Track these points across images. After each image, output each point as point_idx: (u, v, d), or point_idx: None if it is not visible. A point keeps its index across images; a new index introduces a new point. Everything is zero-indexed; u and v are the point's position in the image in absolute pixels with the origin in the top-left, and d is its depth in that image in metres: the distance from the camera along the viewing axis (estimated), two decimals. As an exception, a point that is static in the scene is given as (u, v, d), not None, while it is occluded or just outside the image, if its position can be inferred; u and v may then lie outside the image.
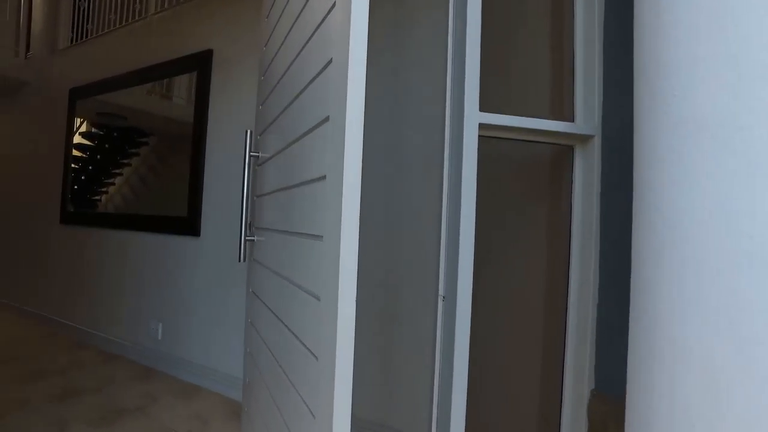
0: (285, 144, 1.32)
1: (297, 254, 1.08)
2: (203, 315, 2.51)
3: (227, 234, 2.42)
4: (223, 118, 2.50)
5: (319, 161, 0.96)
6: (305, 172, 1.06)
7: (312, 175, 1.00)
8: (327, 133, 0.92)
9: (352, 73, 0.83)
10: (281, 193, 1.35)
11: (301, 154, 1.10)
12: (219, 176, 2.49)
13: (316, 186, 0.97)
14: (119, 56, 3.23)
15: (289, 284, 1.14)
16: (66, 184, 3.52)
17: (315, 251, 0.94)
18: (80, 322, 3.27)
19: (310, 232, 0.98)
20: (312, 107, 1.03)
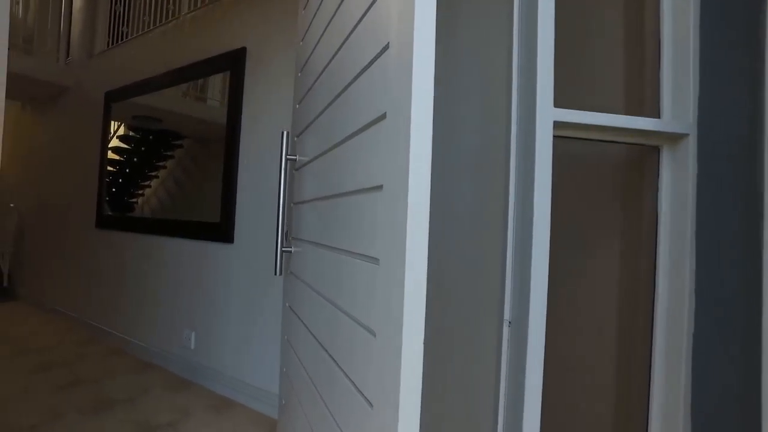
0: (327, 146, 1.17)
1: (344, 276, 0.93)
2: (236, 325, 2.41)
3: (261, 241, 2.31)
4: (257, 118, 2.39)
5: (371, 168, 0.80)
6: (353, 179, 0.90)
7: (362, 183, 0.85)
8: (382, 134, 0.76)
9: (418, 58, 0.67)
10: (322, 202, 1.21)
11: (348, 158, 0.95)
12: (253, 180, 2.39)
13: (367, 198, 0.81)
14: (153, 58, 3.19)
15: (334, 309, 0.99)
16: (101, 187, 3.51)
17: (368, 276, 0.78)
18: (116, 328, 3.24)
19: (360, 252, 0.83)
20: (362, 103, 0.87)
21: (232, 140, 2.46)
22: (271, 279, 2.25)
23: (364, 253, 0.81)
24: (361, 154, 0.87)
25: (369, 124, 0.83)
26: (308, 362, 1.27)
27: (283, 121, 2.26)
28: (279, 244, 1.50)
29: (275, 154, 2.27)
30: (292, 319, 1.57)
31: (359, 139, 0.88)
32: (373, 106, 0.81)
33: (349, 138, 0.96)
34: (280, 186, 1.51)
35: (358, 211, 0.86)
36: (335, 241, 1.01)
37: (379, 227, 0.74)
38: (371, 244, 0.77)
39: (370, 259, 0.78)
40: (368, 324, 0.77)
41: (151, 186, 3.06)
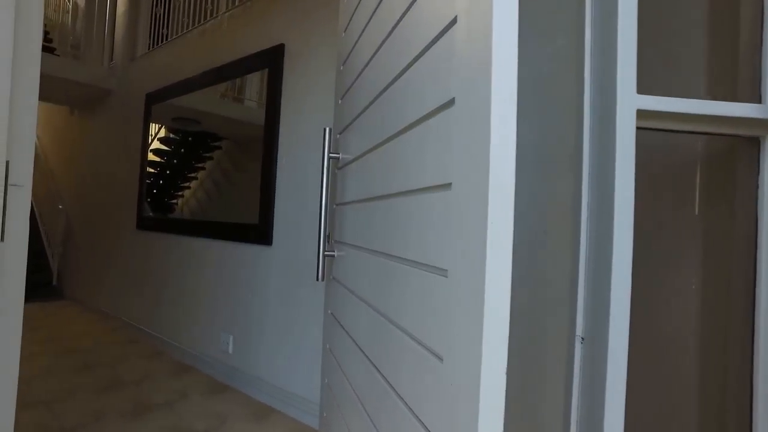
0: (375, 142, 1.07)
1: (399, 287, 0.83)
2: (275, 330, 2.35)
3: (301, 244, 2.24)
4: (295, 116, 2.33)
5: (435, 163, 0.69)
6: (410, 178, 0.80)
7: (422, 181, 0.74)
8: (450, 123, 0.65)
9: (499, 28, 0.55)
10: (370, 204, 1.11)
11: (403, 154, 0.85)
12: (292, 180, 2.32)
13: (430, 198, 0.71)
14: (191, 58, 3.19)
15: (387, 323, 0.89)
16: (141, 189, 3.56)
17: (432, 290, 0.68)
18: (157, 329, 3.27)
19: (422, 262, 0.72)
20: (421, 90, 0.77)
21: (270, 139, 2.40)
22: (311, 283, 2.18)
23: (426, 262, 0.70)
24: (420, 149, 0.76)
25: (431, 113, 0.72)
26: (354, 378, 1.17)
27: (323, 120, 2.18)
28: (321, 248, 1.42)
29: (315, 154, 2.20)
30: (334, 328, 1.48)
31: (418, 132, 0.77)
32: (435, 91, 0.70)
33: (403, 131, 0.85)
34: (323, 186, 1.43)
35: (419, 213, 0.75)
36: (387, 246, 0.91)
37: (448, 233, 0.63)
38: (437, 253, 0.66)
39: (434, 270, 0.67)
40: (433, 346, 0.66)
41: (191, 187, 3.06)
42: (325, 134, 1.43)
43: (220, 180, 2.87)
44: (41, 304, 4.52)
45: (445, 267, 0.64)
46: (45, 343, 3.17)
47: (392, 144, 0.93)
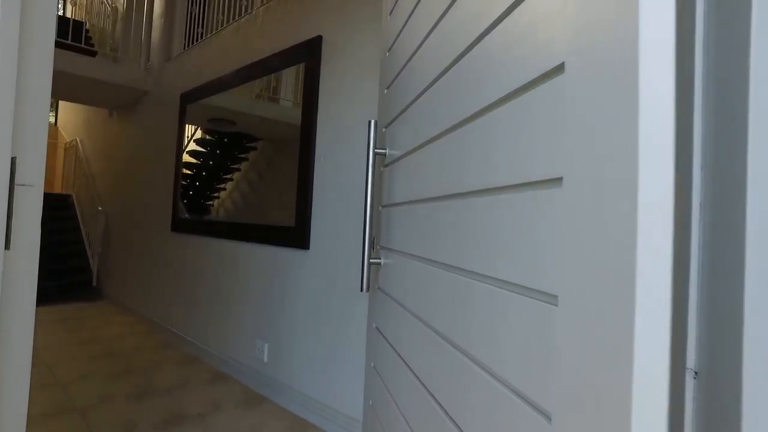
0: (439, 130, 0.91)
1: (485, 315, 0.66)
2: (312, 340, 2.23)
3: (340, 249, 2.11)
4: (334, 112, 2.20)
5: (535, 151, 0.53)
6: (493, 172, 0.64)
7: (514, 176, 0.58)
8: (560, 96, 0.48)
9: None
10: (433, 205, 0.95)
11: (480, 142, 0.69)
12: (331, 180, 2.19)
13: (527, 198, 0.54)
14: (225, 56, 3.13)
15: (460, 355, 0.73)
16: (176, 191, 3.53)
17: (534, 322, 0.51)
18: (191, 334, 3.22)
19: (515, 282, 0.56)
20: (507, 59, 0.60)
21: (307, 137, 2.28)
22: (352, 291, 2.04)
23: (523, 284, 0.54)
24: (508, 134, 0.60)
25: (525, 87, 0.56)
26: (407, 408, 1.01)
27: (364, 114, 2.04)
28: (365, 254, 1.27)
29: (355, 151, 2.06)
30: (380, 344, 1.33)
31: (505, 112, 0.61)
32: (532, 58, 0.54)
33: (479, 114, 0.69)
34: (367, 186, 1.28)
35: (511, 217, 0.59)
36: (460, 259, 0.75)
37: (559, 245, 0.47)
38: (541, 272, 0.50)
39: (537, 295, 0.51)
40: (537, 400, 0.50)
41: (226, 189, 2.99)
42: (369, 128, 1.29)
43: (256, 181, 2.78)
44: (82, 304, 4.59)
45: (555, 292, 0.47)
46: (83, 346, 3.17)
47: (459, 132, 0.77)
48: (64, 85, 4.18)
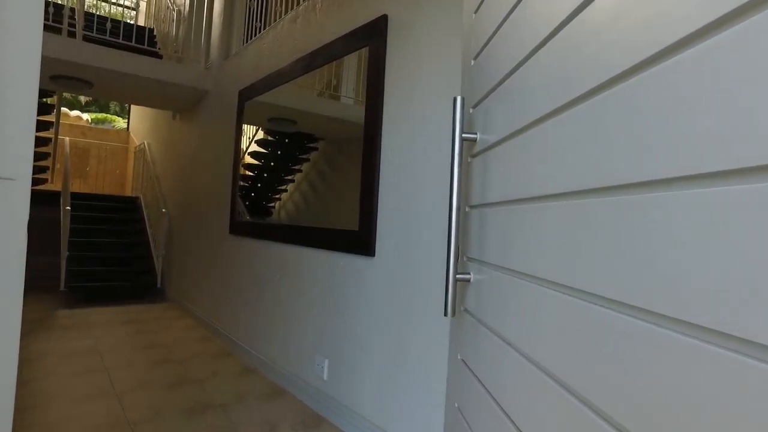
0: (559, 103, 0.64)
1: (642, 369, 0.38)
2: (377, 360, 2.00)
3: (411, 256, 1.86)
4: (403, 100, 1.96)
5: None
6: (679, 152, 0.35)
7: (728, 158, 0.29)
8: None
9: None
10: (558, 205, 0.68)
11: (655, 105, 0.40)
12: (400, 178, 1.96)
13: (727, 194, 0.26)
14: (283, 48, 2.99)
15: (595, 418, 0.45)
16: (234, 192, 3.45)
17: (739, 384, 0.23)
18: (249, 343, 3.10)
19: (740, 336, 0.28)
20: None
21: (372, 129, 2.06)
22: (423, 306, 1.78)
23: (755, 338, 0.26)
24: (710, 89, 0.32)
25: None
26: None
27: (439, 100, 1.79)
28: (450, 269, 1.01)
29: (429, 143, 1.81)
30: (466, 381, 1.07)
31: (691, 59, 0.33)
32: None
33: (645, 67, 0.41)
34: (453, 182, 1.03)
35: (722, 224, 0.31)
36: (596, 282, 0.48)
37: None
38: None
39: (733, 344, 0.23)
40: None
41: (287, 190, 2.86)
42: (455, 107, 1.03)
43: (316, 182, 2.61)
44: (147, 306, 4.68)
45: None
46: (143, 351, 3.15)
47: (616, 96, 0.49)
48: (133, 88, 4.26)
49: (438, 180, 1.76)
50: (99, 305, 4.54)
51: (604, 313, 0.53)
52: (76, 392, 2.39)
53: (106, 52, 3.74)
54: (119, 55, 3.78)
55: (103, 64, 3.69)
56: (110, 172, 8.24)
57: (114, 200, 6.50)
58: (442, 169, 1.74)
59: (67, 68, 3.74)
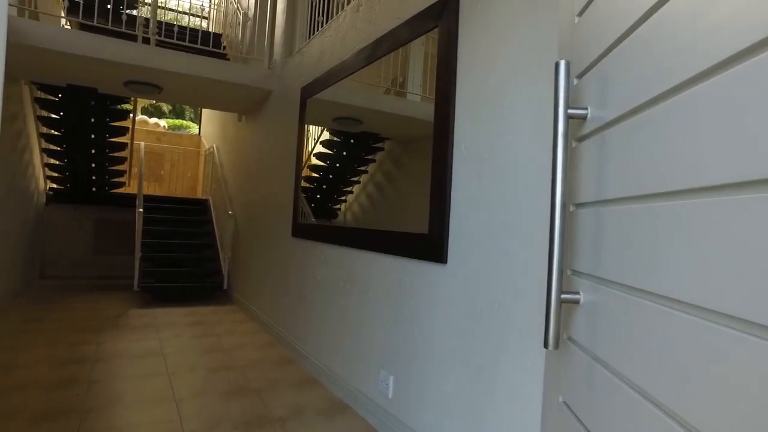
0: (724, 55, 0.41)
1: None
2: (449, 381, 1.78)
3: (492, 264, 1.63)
4: (480, 85, 1.73)
5: None
6: None
7: None
8: None
9: None
10: (697, 202, 0.45)
11: None
12: (476, 175, 1.74)
13: None
14: (344, 40, 2.86)
15: None
16: (297, 194, 3.37)
17: None
18: (311, 352, 3.00)
19: None
20: None
21: (443, 121, 1.86)
22: (507, 325, 1.55)
23: None
24: None
25: None
26: None
27: (525, 78, 1.55)
28: (554, 286, 0.80)
29: (511, 133, 1.58)
30: (570, 427, 0.84)
31: None
32: None
33: None
34: (557, 172, 0.81)
35: None
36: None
37: None
38: None
39: None
40: None
41: (353, 192, 2.74)
42: (558, 75, 0.81)
43: (383, 183, 2.47)
44: (213, 308, 4.76)
45: None
46: (204, 355, 3.14)
47: None
48: (199, 90, 4.35)
49: (523, 175, 1.52)
50: (168, 306, 4.68)
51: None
52: (137, 397, 2.39)
53: (175, 56, 3.82)
54: (187, 57, 3.86)
55: (172, 67, 3.78)
56: (182, 176, 8.63)
57: (185, 203, 6.76)
58: (529, 162, 1.50)
59: (139, 73, 3.86)
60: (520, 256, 1.51)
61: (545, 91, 1.45)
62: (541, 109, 1.46)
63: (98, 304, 4.59)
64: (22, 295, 4.80)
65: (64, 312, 4.17)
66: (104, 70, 3.81)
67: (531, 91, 1.51)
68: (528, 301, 1.47)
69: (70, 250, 6.21)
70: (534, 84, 1.50)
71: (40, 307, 4.29)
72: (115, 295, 5.06)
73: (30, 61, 3.67)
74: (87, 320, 3.91)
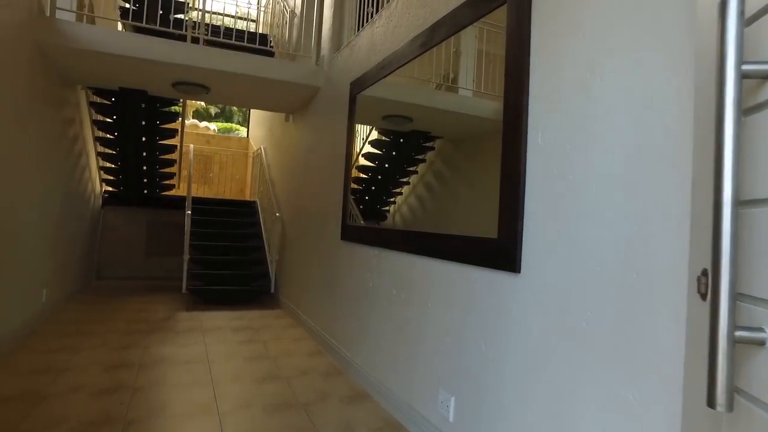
0: None
1: None
2: (521, 407, 1.54)
3: (577, 274, 1.38)
4: (558, 62, 1.49)
5: None
6: None
7: None
8: None
9: None
10: None
11: None
12: (557, 169, 1.49)
13: None
14: (399, 28, 2.67)
15: None
16: (346, 195, 3.21)
17: None
18: (361, 363, 2.82)
19: None
20: None
21: (515, 107, 1.62)
22: (600, 351, 1.29)
23: None
24: None
25: None
26: None
27: (624, 49, 1.29)
28: (723, 318, 0.56)
29: (602, 115, 1.32)
30: None
31: None
32: None
33: None
34: (724, 155, 0.57)
35: None
36: None
37: None
38: None
39: None
40: None
41: (402, 193, 2.57)
42: (726, 15, 0.58)
43: (433, 184, 2.28)
44: (261, 312, 4.69)
45: None
46: (250, 363, 3.03)
47: None
48: (247, 89, 4.29)
49: (619, 167, 1.26)
50: (216, 309, 4.65)
51: None
52: (180, 409, 2.28)
53: (223, 54, 3.77)
54: (235, 56, 3.80)
55: (220, 66, 3.72)
56: (231, 178, 8.73)
57: (233, 204, 6.78)
58: (629, 150, 1.24)
59: (187, 73, 3.83)
60: (604, 261, 1.25)
61: (653, 59, 1.19)
62: (647, 81, 1.21)
63: (149, 306, 4.62)
64: (79, 295, 4.91)
65: (116, 313, 4.20)
66: (154, 71, 3.80)
67: (632, 62, 1.25)
68: (631, 321, 1.21)
69: (124, 252, 6.37)
70: (638, 49, 1.24)
71: (93, 308, 4.36)
72: (165, 297, 5.09)
73: (86, 66, 3.71)
74: (136, 323, 3.91)
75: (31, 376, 2.57)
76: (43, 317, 3.71)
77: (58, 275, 4.24)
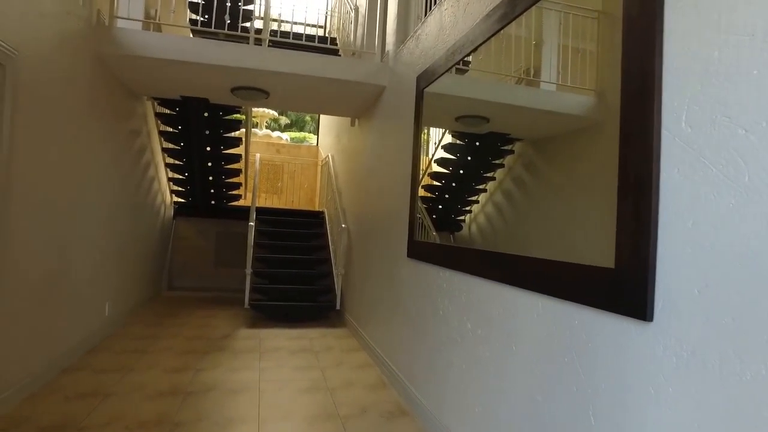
0: None
1: None
2: None
3: (745, 324, 0.90)
4: (708, 20, 1.02)
5: None
6: None
7: None
8: None
9: None
10: None
11: None
12: (715, 169, 1.02)
13: None
14: (470, 5, 2.26)
15: None
16: (413, 207, 2.83)
17: None
18: (431, 402, 2.44)
19: None
20: None
21: (641, 76, 1.16)
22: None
23: None
24: None
25: None
26: None
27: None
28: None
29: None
30: None
31: None
32: None
33: None
34: None
35: None
36: None
37: None
38: None
39: None
40: None
41: (478, 202, 2.17)
42: None
43: (513, 192, 1.87)
44: (324, 330, 4.43)
45: None
46: (304, 395, 2.74)
47: None
48: (307, 91, 4.08)
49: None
50: (277, 326, 4.45)
51: None
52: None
53: (284, 55, 3.57)
54: (296, 56, 3.59)
55: (280, 67, 3.52)
56: (300, 187, 8.67)
57: (301, 215, 6.63)
58: None
59: (246, 76, 3.67)
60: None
61: None
62: None
63: (211, 321, 4.52)
64: (147, 307, 4.95)
65: (177, 328, 4.12)
66: (211, 76, 3.68)
67: None
68: None
69: (194, 263, 6.44)
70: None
71: (156, 322, 4.32)
72: (229, 311, 5.00)
73: (146, 74, 3.67)
74: (195, 340, 3.79)
75: (70, 403, 2.43)
76: (105, 332, 3.68)
77: (123, 289, 4.25)
